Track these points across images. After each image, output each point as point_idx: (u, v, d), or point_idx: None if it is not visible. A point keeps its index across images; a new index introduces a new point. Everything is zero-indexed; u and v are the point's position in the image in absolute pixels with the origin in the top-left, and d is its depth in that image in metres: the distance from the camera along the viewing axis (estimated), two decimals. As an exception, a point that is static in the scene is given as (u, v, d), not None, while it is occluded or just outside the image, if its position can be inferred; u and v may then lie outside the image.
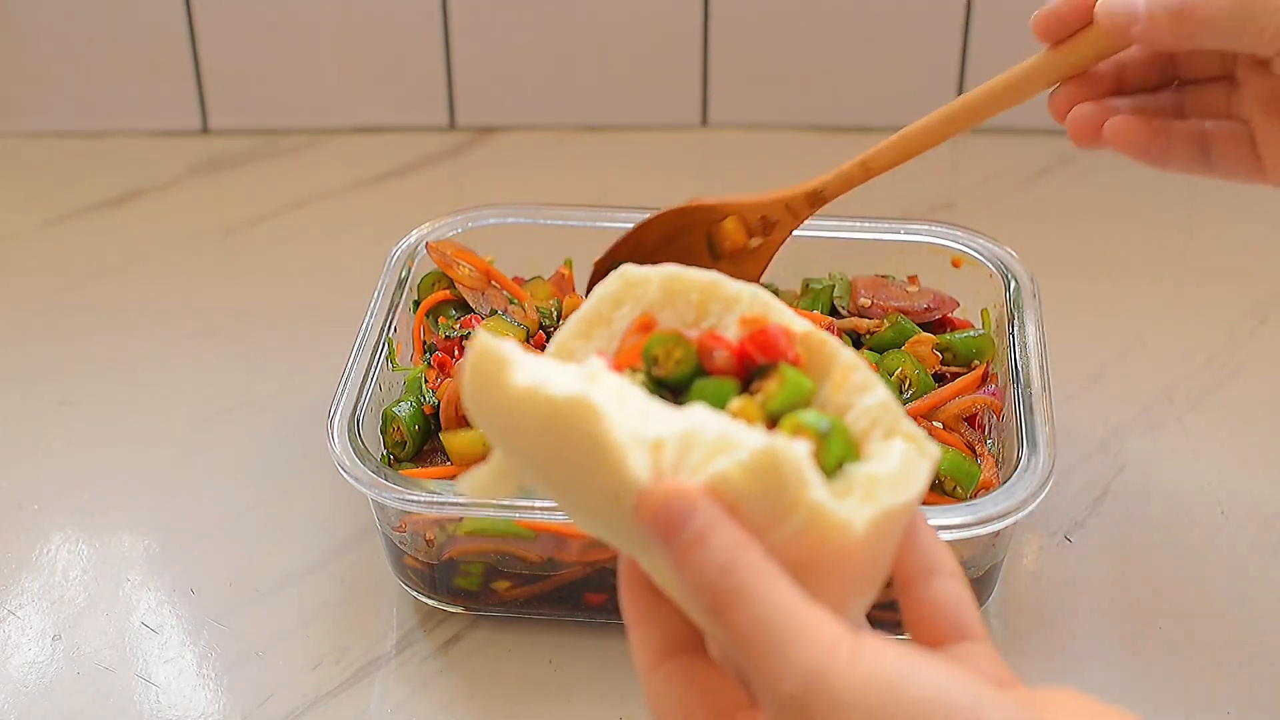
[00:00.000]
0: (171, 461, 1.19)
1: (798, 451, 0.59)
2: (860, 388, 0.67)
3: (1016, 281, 1.13)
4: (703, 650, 0.64)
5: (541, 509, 0.96)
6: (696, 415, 0.62)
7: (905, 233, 1.20)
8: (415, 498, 0.96)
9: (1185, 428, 1.21)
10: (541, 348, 1.10)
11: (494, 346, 0.61)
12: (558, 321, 1.14)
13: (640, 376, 0.66)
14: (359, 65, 1.56)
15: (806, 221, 1.16)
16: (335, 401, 1.03)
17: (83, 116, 1.58)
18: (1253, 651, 1.02)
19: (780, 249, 1.11)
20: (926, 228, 1.20)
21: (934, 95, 1.55)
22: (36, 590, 1.08)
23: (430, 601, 1.04)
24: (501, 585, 1.02)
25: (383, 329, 1.10)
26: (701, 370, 0.66)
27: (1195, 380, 1.26)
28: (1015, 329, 1.10)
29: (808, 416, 0.63)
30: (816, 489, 0.60)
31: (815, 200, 1.08)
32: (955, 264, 1.18)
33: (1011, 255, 1.16)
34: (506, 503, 0.96)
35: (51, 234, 1.46)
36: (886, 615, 0.80)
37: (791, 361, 0.66)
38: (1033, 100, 1.55)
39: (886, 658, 0.56)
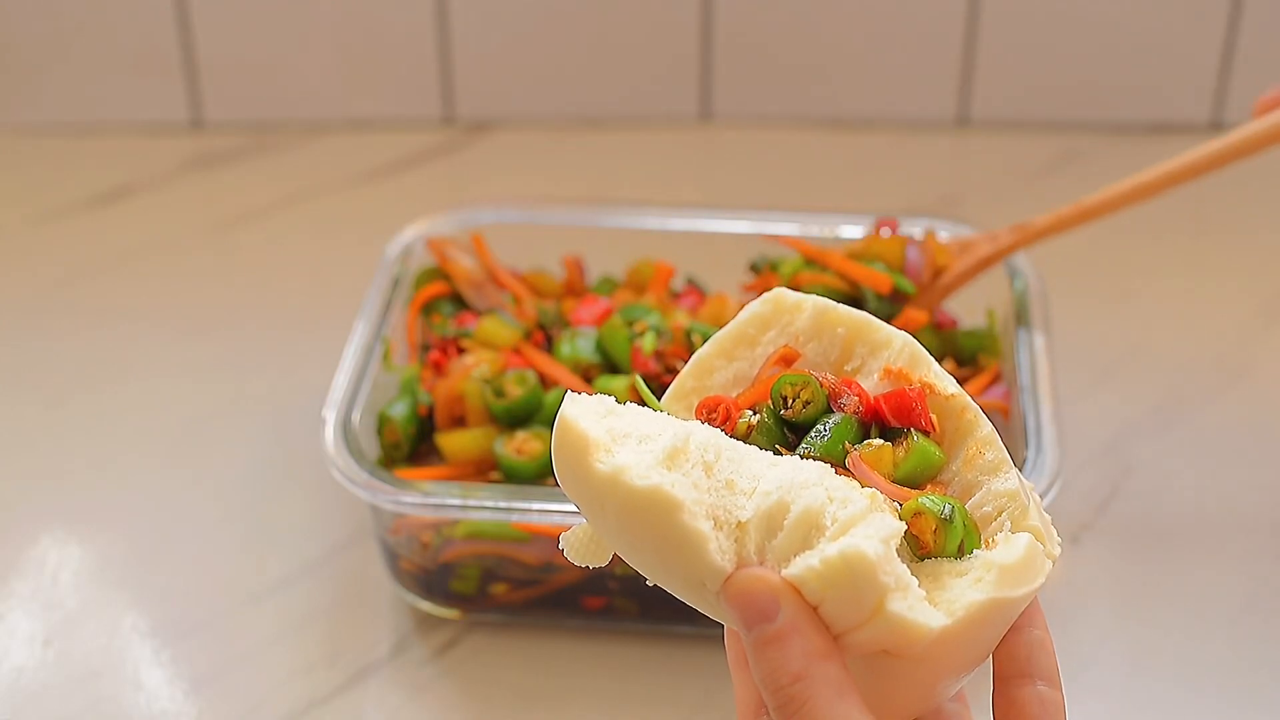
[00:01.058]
0: (162, 463, 1.18)
1: (872, 559, 0.59)
2: (992, 468, 0.67)
3: (1023, 280, 1.13)
4: None
5: (538, 511, 0.95)
6: (795, 475, 0.63)
7: (912, 229, 1.19)
8: (410, 500, 0.95)
9: (1195, 429, 1.20)
10: (540, 347, 1.09)
11: (574, 430, 0.63)
12: (559, 321, 1.13)
13: (764, 414, 0.67)
14: (355, 59, 1.55)
15: (810, 219, 1.15)
16: (329, 402, 1.02)
17: (72, 111, 1.56)
18: (1263, 656, 1.01)
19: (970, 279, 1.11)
20: (933, 224, 1.18)
21: (938, 89, 1.55)
22: (26, 594, 1.07)
23: (426, 604, 1.03)
24: (498, 588, 1.01)
25: (378, 328, 1.09)
26: (829, 411, 0.66)
27: (1204, 380, 1.25)
28: (1022, 328, 1.09)
29: (929, 501, 0.63)
30: (893, 599, 0.60)
31: (1020, 229, 1.09)
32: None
33: (1018, 253, 1.15)
34: (503, 505, 0.95)
35: (40, 232, 1.44)
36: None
37: (924, 430, 0.66)
38: (1037, 93, 1.56)
39: None
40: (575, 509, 0.90)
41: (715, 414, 0.67)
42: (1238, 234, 1.45)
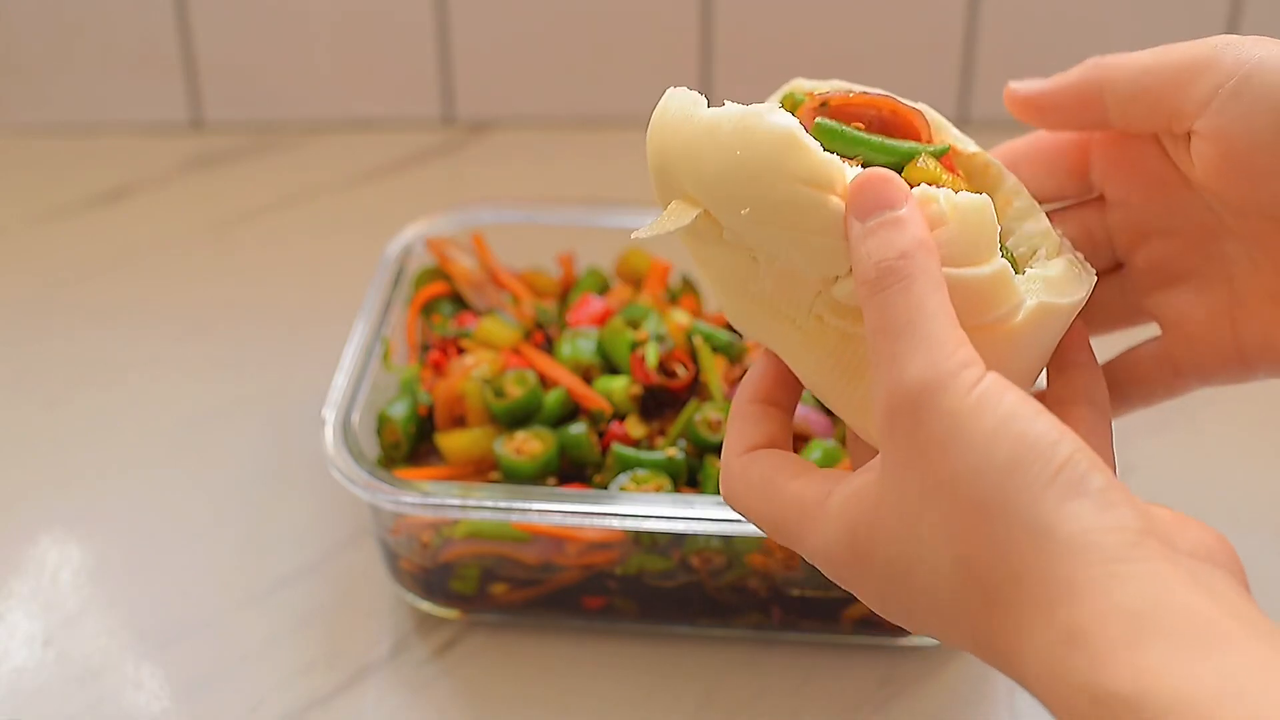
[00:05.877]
0: (162, 463, 1.18)
1: (995, 216, 0.63)
2: (1022, 214, 0.71)
3: (1023, 279, 1.12)
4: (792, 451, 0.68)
5: (538, 511, 0.95)
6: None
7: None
8: (410, 500, 0.95)
9: (1197, 427, 1.20)
10: (540, 347, 1.09)
11: (679, 94, 0.68)
12: (557, 322, 1.13)
13: None
14: (355, 59, 1.55)
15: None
16: (329, 402, 1.02)
17: (70, 111, 1.56)
18: (1265, 657, 1.01)
19: None
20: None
21: (938, 88, 1.55)
22: (26, 594, 1.07)
23: (426, 604, 1.03)
24: (498, 588, 1.01)
25: (377, 328, 1.09)
26: None
27: (1204, 380, 1.24)
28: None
29: None
30: (1003, 253, 0.63)
31: None
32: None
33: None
34: (503, 505, 0.95)
35: (39, 232, 1.44)
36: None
37: None
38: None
39: (1010, 393, 0.58)
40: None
41: None
42: (1238, 234, 1.45)
